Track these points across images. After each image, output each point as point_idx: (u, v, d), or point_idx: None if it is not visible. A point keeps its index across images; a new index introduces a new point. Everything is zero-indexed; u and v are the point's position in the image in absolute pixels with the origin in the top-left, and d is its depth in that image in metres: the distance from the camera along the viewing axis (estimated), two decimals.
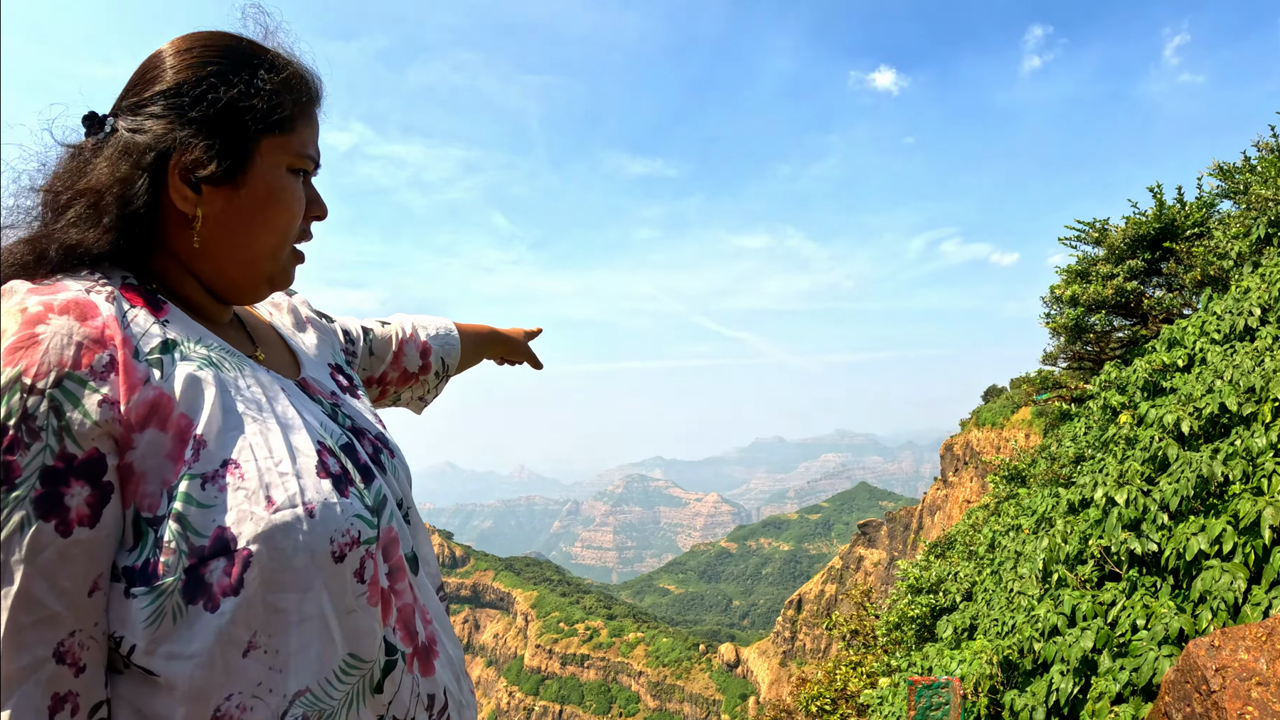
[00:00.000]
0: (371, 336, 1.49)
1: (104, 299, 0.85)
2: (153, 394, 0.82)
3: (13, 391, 0.73)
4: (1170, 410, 4.82)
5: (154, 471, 0.80)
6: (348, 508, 0.89)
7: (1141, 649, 3.55)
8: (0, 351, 0.75)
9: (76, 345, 0.78)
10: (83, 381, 0.77)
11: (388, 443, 1.13)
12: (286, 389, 1.00)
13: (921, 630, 8.40)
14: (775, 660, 68.61)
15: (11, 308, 0.79)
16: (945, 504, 42.22)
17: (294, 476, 0.86)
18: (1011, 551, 7.13)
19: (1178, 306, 9.61)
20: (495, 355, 1.86)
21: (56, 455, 0.75)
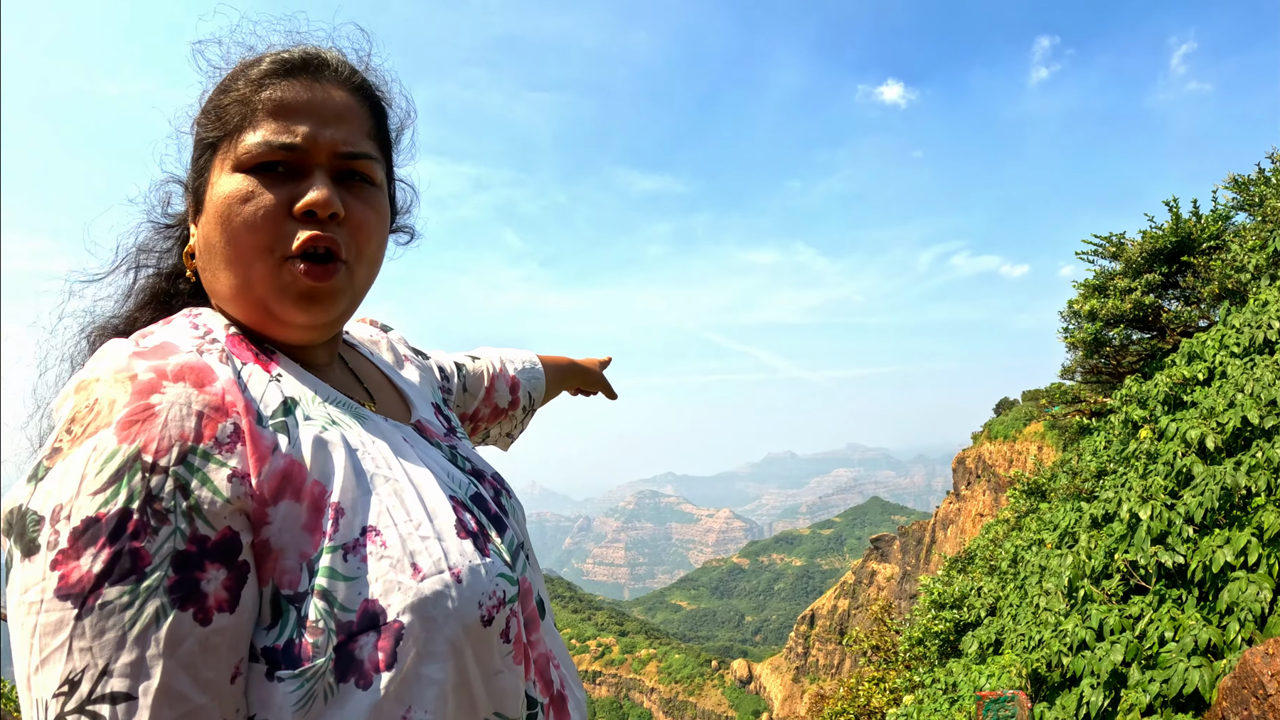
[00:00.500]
0: (465, 373, 1.45)
1: (217, 359, 0.80)
2: (283, 463, 0.76)
3: (133, 471, 0.67)
4: (1192, 424, 4.87)
5: (291, 546, 0.75)
6: (491, 568, 0.84)
7: (1171, 660, 3.59)
8: (113, 426, 0.68)
9: (197, 415, 0.72)
10: (208, 455, 0.71)
11: (504, 483, 1.08)
12: (408, 438, 0.96)
13: (945, 645, 8.41)
14: (788, 676, 68.13)
15: (119, 375, 0.73)
16: (958, 518, 42.00)
17: (436, 540, 0.81)
18: (1035, 566, 7.14)
19: (1196, 320, 9.64)
20: (572, 387, 1.80)
21: (188, 538, 0.68)
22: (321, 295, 0.87)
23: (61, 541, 0.64)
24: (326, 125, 0.88)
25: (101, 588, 0.64)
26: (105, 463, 0.66)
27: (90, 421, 0.69)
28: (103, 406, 0.70)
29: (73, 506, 0.65)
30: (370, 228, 0.91)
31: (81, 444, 0.68)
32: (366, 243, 0.91)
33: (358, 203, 0.90)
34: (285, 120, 0.86)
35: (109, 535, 0.64)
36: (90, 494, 0.65)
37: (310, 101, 0.88)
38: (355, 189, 0.91)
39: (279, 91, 0.87)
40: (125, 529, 0.65)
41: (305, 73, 0.90)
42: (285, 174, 0.86)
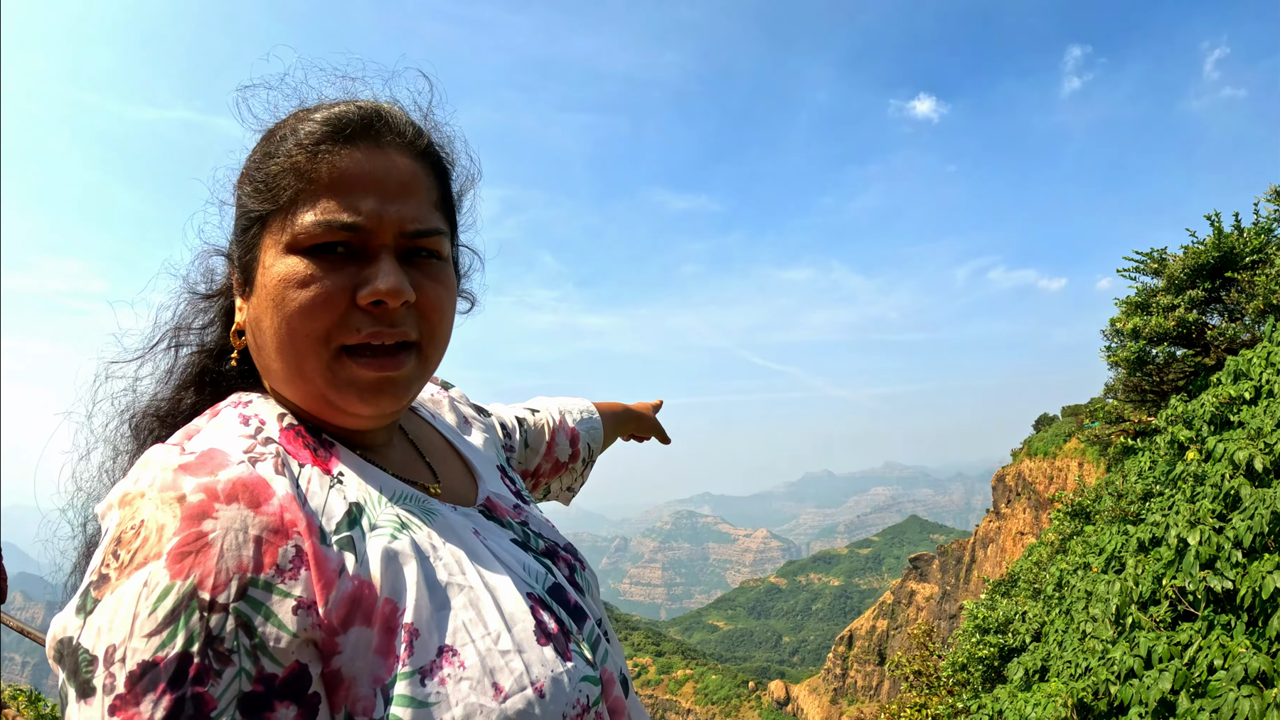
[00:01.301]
0: (526, 428, 1.37)
1: (272, 468, 0.74)
2: (351, 586, 0.71)
3: (190, 611, 0.61)
4: (1240, 445, 4.78)
5: (364, 672, 0.70)
6: (574, 674, 0.80)
7: (1221, 689, 3.52)
8: (164, 558, 0.63)
9: (255, 542, 0.66)
10: (270, 586, 0.65)
11: (577, 555, 1.03)
12: (479, 529, 0.90)
13: (989, 672, 8.27)
14: (826, 698, 67.28)
15: (165, 495, 0.67)
16: (998, 536, 41.37)
17: (516, 653, 0.76)
18: (1081, 591, 7.03)
19: (1240, 336, 9.46)
20: (626, 433, 1.73)
21: (254, 679, 0.63)
22: (390, 385, 0.81)
23: (118, 686, 0.60)
24: (391, 200, 0.80)
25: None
26: (159, 601, 0.61)
27: (138, 549, 0.64)
28: (150, 532, 0.65)
29: (127, 649, 0.60)
30: (442, 307, 0.85)
31: (130, 577, 0.63)
32: (439, 323, 0.85)
33: (427, 281, 0.83)
34: (346, 196, 0.78)
35: (169, 681, 0.60)
36: (145, 635, 0.61)
37: (373, 173, 0.80)
38: (423, 265, 0.83)
39: (338, 161, 0.79)
40: (186, 674, 0.60)
41: (366, 137, 0.81)
42: (346, 255, 0.78)
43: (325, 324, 0.77)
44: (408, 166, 0.83)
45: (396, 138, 0.83)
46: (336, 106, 0.82)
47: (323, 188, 0.78)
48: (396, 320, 0.80)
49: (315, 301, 0.76)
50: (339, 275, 0.77)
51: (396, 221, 0.80)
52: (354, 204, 0.78)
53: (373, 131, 0.82)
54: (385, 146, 0.82)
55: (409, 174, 0.82)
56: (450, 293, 0.87)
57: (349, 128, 0.80)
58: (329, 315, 0.77)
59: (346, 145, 0.80)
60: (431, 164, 0.87)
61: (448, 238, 0.87)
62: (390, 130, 0.83)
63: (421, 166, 0.85)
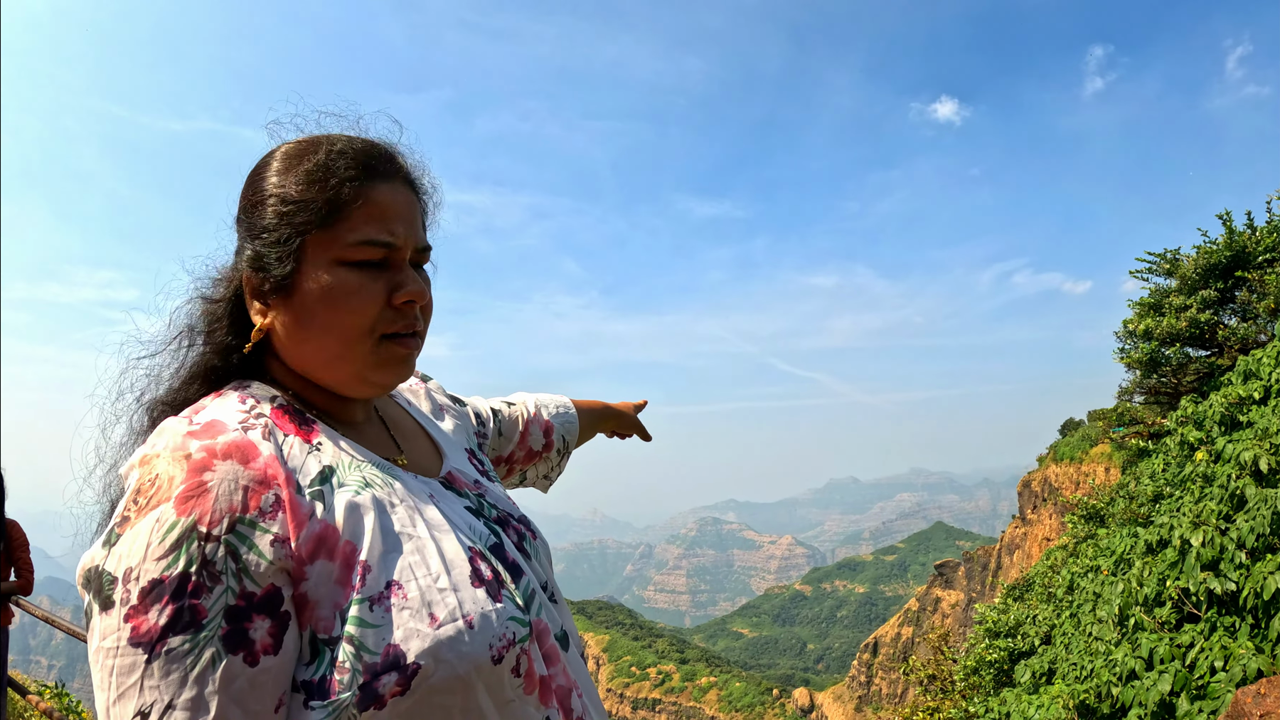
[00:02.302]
0: (500, 418, 1.57)
1: (260, 435, 0.92)
2: (319, 527, 0.88)
3: (190, 540, 0.79)
4: (1247, 446, 4.75)
5: (326, 598, 0.86)
6: (502, 613, 0.95)
7: (1220, 691, 3.51)
8: (172, 501, 0.81)
9: (244, 490, 0.84)
10: (253, 524, 0.83)
11: (530, 525, 1.20)
12: (434, 493, 1.07)
13: (999, 675, 8.23)
14: (851, 705, 66.78)
15: (175, 453, 0.85)
16: (1024, 542, 40.95)
17: (452, 591, 0.92)
18: (1090, 594, 6.98)
19: (1254, 335, 9.36)
20: (607, 429, 1.91)
21: (238, 595, 0.81)
22: (409, 360, 1.04)
23: (133, 599, 0.78)
24: (410, 225, 1.02)
25: (166, 637, 0.78)
26: (167, 533, 0.80)
27: (153, 495, 0.82)
28: (163, 482, 0.83)
29: (141, 569, 0.79)
30: (431, 304, 1.08)
31: (146, 515, 0.81)
32: (429, 317, 1.08)
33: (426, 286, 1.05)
34: (383, 221, 0.99)
35: (172, 594, 0.78)
36: (155, 559, 0.79)
37: (396, 204, 1.01)
38: (421, 274, 1.06)
39: (374, 194, 0.99)
40: (185, 589, 0.79)
41: (389, 172, 1.02)
42: (380, 266, 0.99)
43: (372, 318, 0.98)
44: (410, 197, 1.05)
45: (405, 172, 1.06)
46: (357, 143, 1.03)
47: (363, 214, 0.98)
48: (414, 315, 1.02)
49: (367, 302, 0.97)
50: (379, 283, 0.99)
51: (413, 240, 1.03)
52: (390, 228, 0.99)
53: (394, 168, 1.04)
54: (398, 181, 1.04)
55: (412, 203, 1.05)
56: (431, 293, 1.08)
57: (377, 164, 1.01)
58: (375, 311, 0.98)
59: (378, 179, 1.01)
60: (418, 193, 1.09)
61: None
62: (402, 167, 1.05)
63: (415, 196, 1.07)
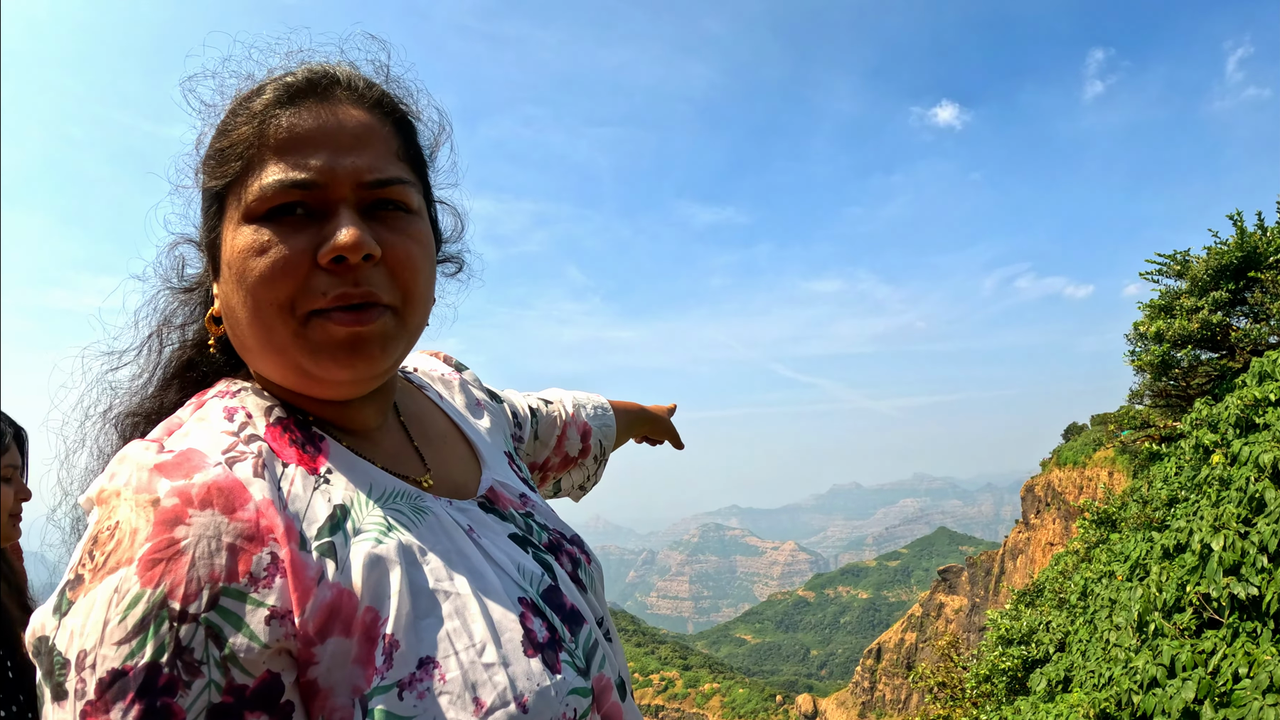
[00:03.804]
0: (539, 417, 1.32)
1: (251, 469, 0.71)
2: (330, 595, 0.68)
3: (159, 620, 0.60)
4: (1265, 448, 4.68)
5: (342, 683, 0.67)
6: (561, 687, 0.75)
7: (1245, 698, 3.42)
8: (135, 564, 0.61)
9: (229, 550, 0.64)
10: (243, 595, 0.63)
11: (584, 546, 0.99)
12: (474, 524, 0.86)
13: (1013, 683, 8.15)
14: (854, 711, 66.62)
15: (140, 497, 0.65)
16: (1028, 547, 40.88)
17: (501, 666, 0.72)
18: (1105, 600, 6.90)
19: (1266, 337, 9.29)
20: (640, 434, 1.68)
21: (223, 690, 0.61)
22: (363, 343, 0.75)
23: (89, 693, 0.59)
24: (345, 153, 0.76)
25: None
26: (129, 609, 0.60)
27: (112, 552, 0.63)
28: (124, 535, 0.63)
29: (97, 655, 0.59)
30: (414, 261, 0.79)
31: (103, 581, 0.61)
32: (413, 279, 0.79)
33: (394, 235, 0.78)
34: (295, 154, 0.74)
35: (137, 690, 0.59)
36: (115, 643, 0.59)
37: (322, 128, 0.76)
38: (389, 220, 0.78)
39: (284, 122, 0.75)
40: (155, 684, 0.59)
41: (312, 95, 0.78)
42: (305, 216, 0.74)
43: (289, 290, 0.73)
44: (361, 117, 0.79)
45: (346, 92, 0.80)
46: (286, 76, 0.80)
47: (271, 151, 0.75)
48: (361, 279, 0.74)
49: (275, 267, 0.73)
50: (298, 238, 0.73)
51: (352, 173, 0.76)
52: (304, 161, 0.74)
53: (319, 89, 0.79)
54: (334, 102, 0.79)
55: (362, 125, 0.79)
56: (423, 246, 0.81)
57: (296, 91, 0.78)
58: (292, 280, 0.73)
59: (292, 106, 0.77)
60: (388, 114, 0.83)
61: (415, 188, 0.82)
62: (338, 85, 0.80)
63: (376, 117, 0.81)
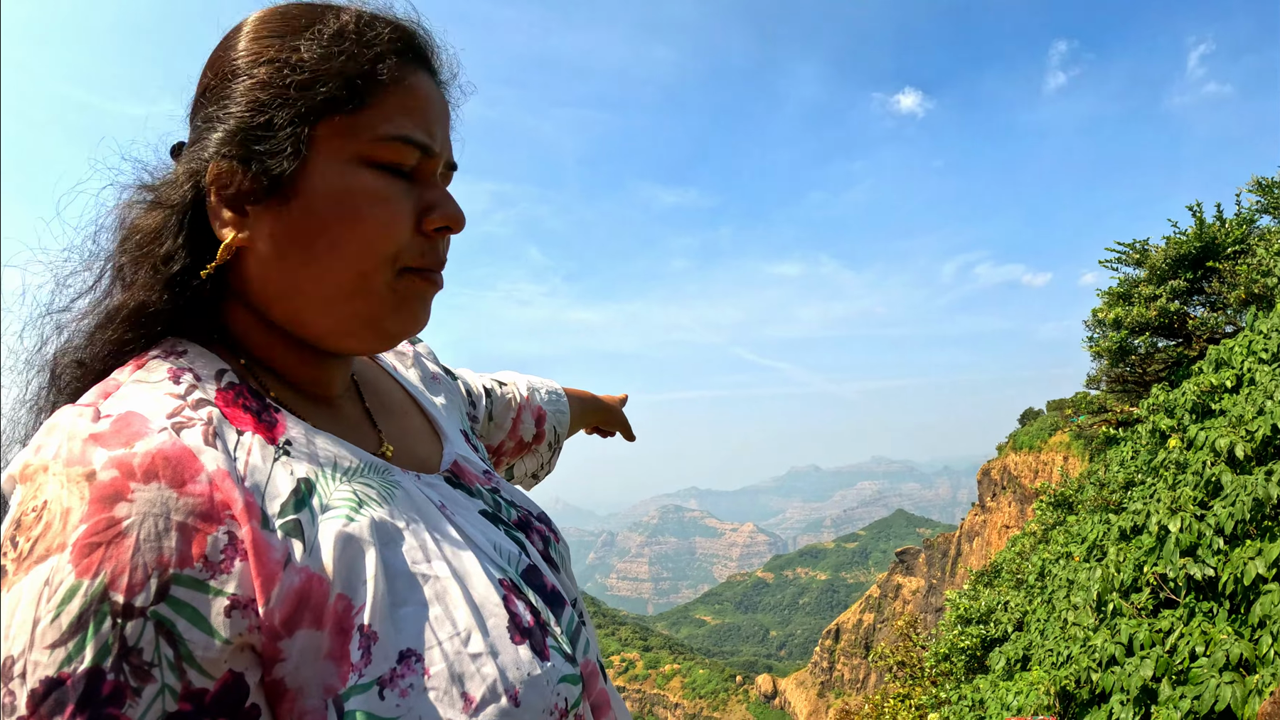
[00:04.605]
0: (493, 398, 1.25)
1: (200, 436, 0.60)
2: (298, 580, 0.58)
3: (100, 616, 0.50)
4: (1221, 433, 4.77)
5: (313, 682, 0.58)
6: (552, 675, 0.68)
7: (1202, 676, 3.50)
8: (68, 550, 0.51)
9: (179, 530, 0.54)
10: (197, 583, 0.53)
11: (551, 524, 0.91)
12: (446, 501, 0.78)
13: (971, 662, 8.29)
14: (813, 691, 67.59)
15: (72, 472, 0.54)
16: (984, 530, 41.62)
17: (489, 656, 0.65)
18: (1063, 580, 7.03)
19: (1222, 326, 9.50)
20: (591, 424, 1.58)
21: (179, 696, 0.51)
22: (427, 308, 0.77)
23: (19, 707, 0.49)
24: (444, 127, 0.77)
25: None
26: (62, 604, 0.50)
27: (39, 538, 0.52)
28: (53, 517, 0.53)
29: (27, 662, 0.49)
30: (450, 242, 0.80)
31: (30, 573, 0.51)
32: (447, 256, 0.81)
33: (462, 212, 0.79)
34: (419, 115, 0.72)
35: (77, 702, 0.49)
36: (47, 646, 0.49)
37: (430, 96, 0.74)
38: None
39: (413, 80, 0.73)
40: (99, 693, 0.49)
41: (428, 60, 0.76)
42: (406, 178, 0.72)
43: (397, 244, 0.71)
44: (443, 96, 0.79)
45: (445, 70, 0.80)
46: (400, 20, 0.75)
47: (398, 102, 0.71)
48: (444, 249, 0.76)
49: (395, 220, 0.70)
50: (408, 198, 0.72)
51: (447, 150, 0.77)
52: (426, 125, 0.72)
53: (434, 56, 0.77)
54: (435, 69, 0.78)
55: (446, 104, 0.79)
56: None
57: (409, 44, 0.74)
58: (402, 235, 0.71)
59: (415, 64, 0.74)
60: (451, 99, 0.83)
61: None
62: (435, 53, 0.78)
63: (450, 98, 0.81)
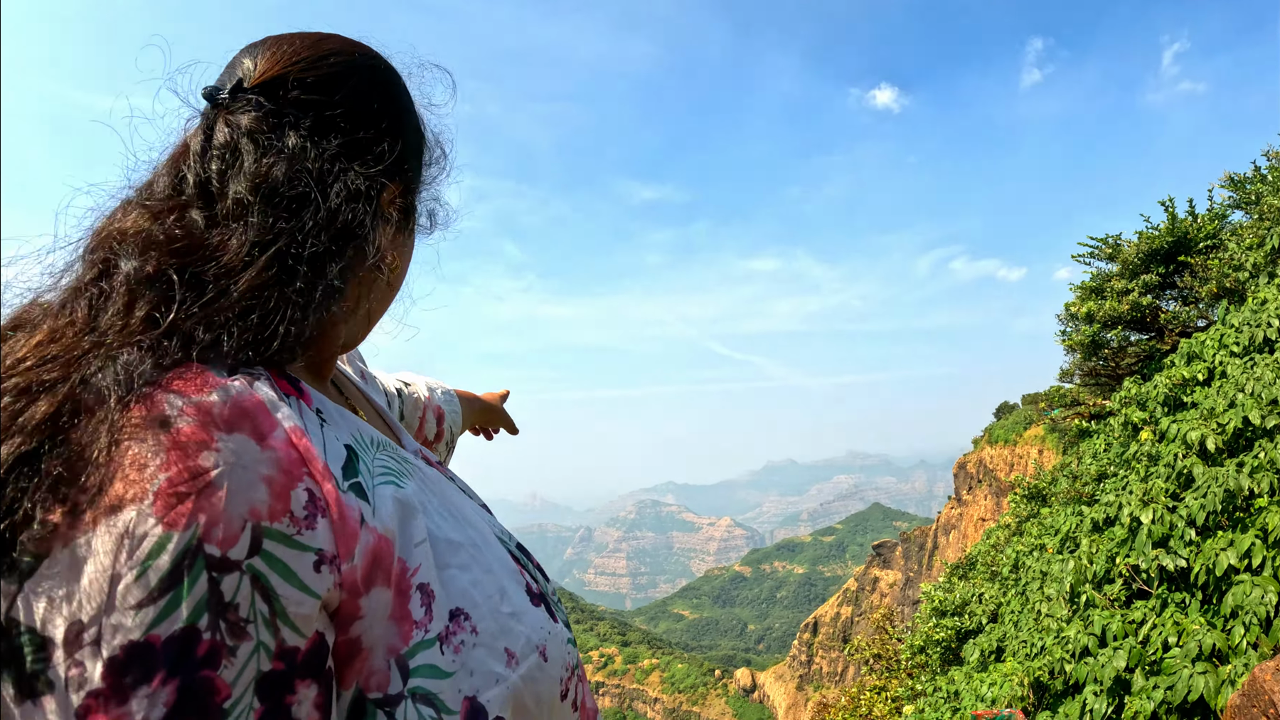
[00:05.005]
0: (403, 397, 1.27)
1: (268, 388, 0.55)
2: (373, 540, 0.57)
3: (195, 571, 0.45)
4: (1192, 426, 4.80)
5: (380, 641, 0.56)
6: (560, 635, 0.71)
7: (1175, 666, 3.52)
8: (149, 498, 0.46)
9: (266, 484, 0.50)
10: (287, 538, 0.50)
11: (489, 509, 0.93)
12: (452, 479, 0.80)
13: (946, 653, 8.33)
14: (792, 684, 67.95)
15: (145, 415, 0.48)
16: (960, 522, 41.96)
17: (519, 616, 0.67)
18: (1037, 572, 7.08)
19: (1194, 320, 9.59)
20: (475, 423, 1.60)
21: (274, 654, 0.49)
22: None
23: (92, 679, 0.43)
24: None
25: None
26: (149, 558, 0.44)
27: (105, 487, 0.45)
28: (122, 464, 0.46)
29: (103, 626, 0.43)
30: None
31: (97, 526, 0.45)
32: None
33: None
34: None
35: (168, 667, 0.44)
36: (132, 606, 0.44)
37: None
38: None
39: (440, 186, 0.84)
40: (193, 654, 0.45)
41: None
42: None
43: None
44: None
45: None
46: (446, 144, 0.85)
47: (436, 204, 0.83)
48: None
49: None
50: None
51: None
52: None
53: None
54: None
55: None
56: None
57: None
58: None
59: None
60: None
61: None
62: None
63: None
